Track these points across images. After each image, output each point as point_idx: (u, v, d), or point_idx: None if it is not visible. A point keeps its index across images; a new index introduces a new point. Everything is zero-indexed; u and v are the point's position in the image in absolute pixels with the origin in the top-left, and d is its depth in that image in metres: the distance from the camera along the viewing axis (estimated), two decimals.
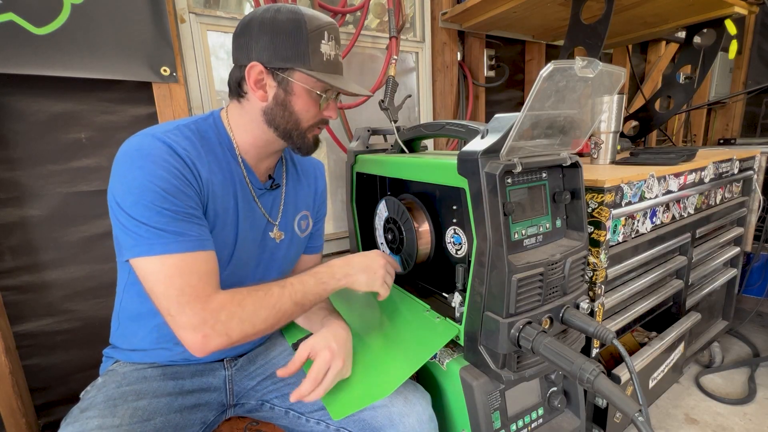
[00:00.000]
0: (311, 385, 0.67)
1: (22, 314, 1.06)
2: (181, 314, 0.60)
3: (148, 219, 0.60)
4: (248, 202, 0.77)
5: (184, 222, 0.62)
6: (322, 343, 0.71)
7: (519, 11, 1.49)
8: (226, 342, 0.62)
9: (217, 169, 0.71)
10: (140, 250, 0.60)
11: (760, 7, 1.68)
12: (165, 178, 0.61)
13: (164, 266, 0.60)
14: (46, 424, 1.13)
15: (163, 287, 0.60)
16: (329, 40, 0.70)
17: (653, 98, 1.81)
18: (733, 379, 1.47)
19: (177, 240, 0.61)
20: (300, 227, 0.89)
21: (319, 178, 0.95)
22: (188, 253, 0.62)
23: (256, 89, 0.70)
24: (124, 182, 0.61)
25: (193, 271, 0.61)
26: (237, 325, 0.62)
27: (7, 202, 1.01)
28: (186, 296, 0.60)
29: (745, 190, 1.48)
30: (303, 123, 0.73)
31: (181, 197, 0.63)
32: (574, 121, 0.72)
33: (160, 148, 0.63)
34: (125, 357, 0.78)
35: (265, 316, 0.65)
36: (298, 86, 0.70)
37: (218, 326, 0.61)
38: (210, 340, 0.60)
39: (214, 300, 0.62)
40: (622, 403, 0.56)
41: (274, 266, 0.84)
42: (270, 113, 0.72)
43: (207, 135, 0.72)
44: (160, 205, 0.60)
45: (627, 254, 1.00)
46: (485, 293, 0.71)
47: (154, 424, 0.66)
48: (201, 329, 0.60)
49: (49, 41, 0.94)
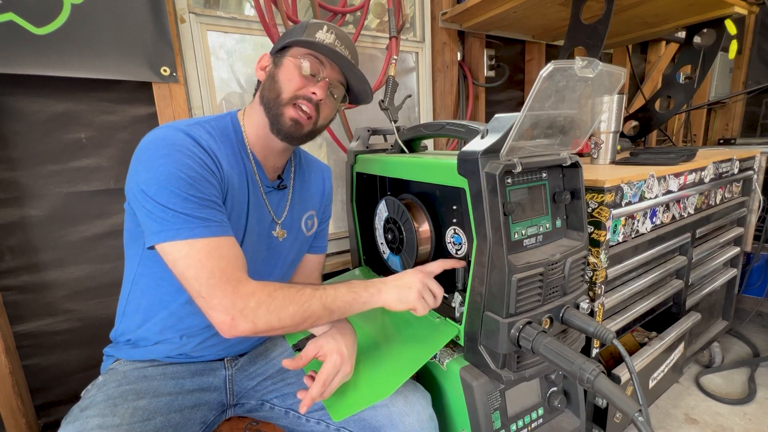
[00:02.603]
0: (321, 388, 0.67)
1: (22, 314, 1.06)
2: (212, 296, 0.61)
3: (174, 204, 0.61)
4: (257, 197, 0.79)
5: (208, 209, 0.64)
6: (333, 345, 0.71)
7: (519, 11, 1.48)
8: (252, 329, 0.62)
9: (234, 163, 0.74)
10: (168, 234, 0.61)
11: (760, 7, 1.68)
12: (190, 166, 0.64)
13: (192, 250, 0.62)
14: (46, 424, 1.13)
15: (194, 271, 0.61)
16: (328, 31, 0.73)
17: (653, 98, 1.81)
18: (733, 379, 1.47)
19: (203, 225, 0.63)
20: (306, 226, 0.91)
21: (326, 180, 0.98)
22: (214, 237, 0.63)
23: (259, 71, 0.78)
24: (151, 169, 0.63)
25: (222, 255, 0.63)
26: (264, 314, 0.63)
27: (7, 202, 1.01)
28: (216, 278, 0.61)
29: (745, 190, 1.48)
30: (283, 93, 0.73)
31: (206, 185, 0.65)
32: (574, 121, 0.72)
33: (184, 138, 0.66)
34: (126, 354, 0.78)
35: (293, 311, 0.65)
36: (287, 59, 0.73)
37: (246, 311, 0.62)
38: (237, 323, 0.61)
39: (245, 285, 0.63)
40: (622, 403, 0.56)
41: (276, 263, 0.85)
42: (263, 90, 0.76)
43: (225, 131, 0.76)
44: (187, 191, 0.62)
45: (627, 254, 1.00)
46: (485, 293, 0.71)
47: (154, 423, 0.66)
48: (230, 312, 0.61)
49: (49, 41, 0.94)
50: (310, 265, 0.97)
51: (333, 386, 0.69)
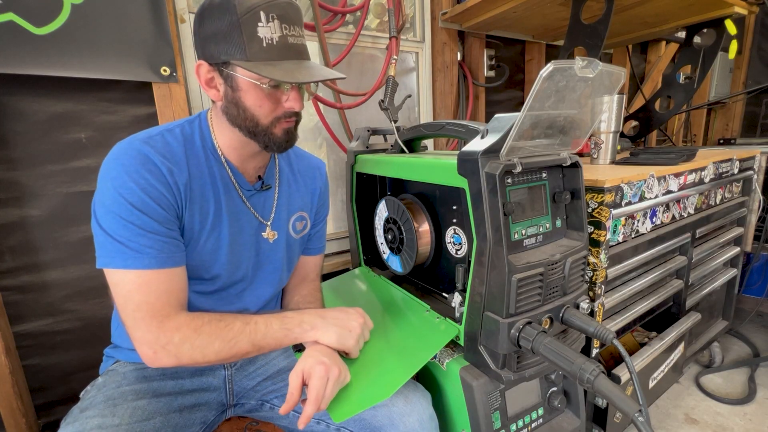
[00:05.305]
0: (315, 405, 0.64)
1: (22, 314, 1.06)
2: (136, 329, 0.62)
3: (113, 231, 0.61)
4: (235, 204, 0.76)
5: (147, 238, 0.62)
6: (311, 361, 0.68)
7: (519, 11, 1.48)
8: (175, 363, 0.63)
9: (198, 173, 0.70)
10: (103, 260, 0.62)
11: (760, 7, 1.68)
12: (133, 191, 0.61)
13: (123, 281, 0.62)
14: (46, 424, 1.13)
15: (121, 300, 0.62)
16: (269, 20, 0.60)
17: (653, 98, 1.81)
18: (733, 379, 1.47)
19: (136, 256, 0.61)
20: (295, 228, 0.87)
21: (318, 178, 0.92)
22: (147, 270, 0.62)
23: (209, 89, 0.67)
24: (100, 190, 0.63)
25: (151, 289, 0.62)
26: (188, 350, 0.63)
27: (7, 202, 1.01)
28: (141, 312, 0.62)
29: (745, 190, 1.48)
30: (262, 120, 0.67)
31: (149, 212, 0.62)
32: (574, 121, 0.72)
33: (135, 158, 0.63)
34: (126, 357, 0.78)
35: (218, 347, 0.65)
36: (243, 81, 0.64)
37: (170, 347, 0.62)
38: (160, 357, 0.62)
39: (171, 320, 0.63)
40: (622, 403, 0.56)
41: (269, 267, 0.83)
42: (228, 113, 0.68)
43: (192, 138, 0.71)
44: (126, 218, 0.61)
45: (627, 254, 1.00)
46: (485, 293, 0.71)
47: (153, 423, 0.66)
48: (152, 346, 0.62)
49: (49, 41, 0.94)
50: (306, 267, 0.95)
51: (328, 395, 0.66)
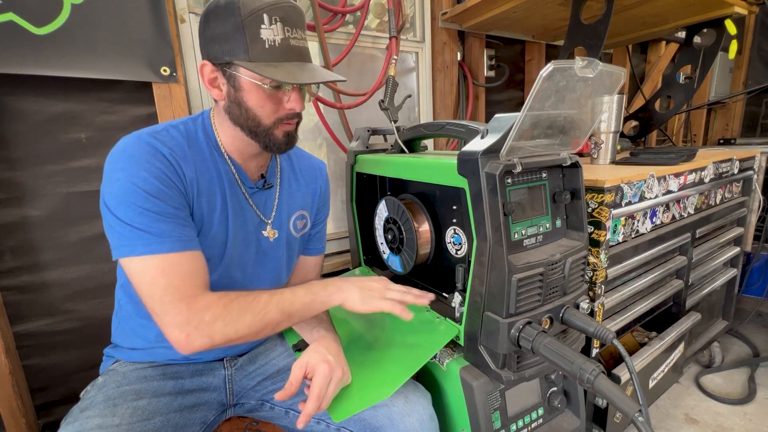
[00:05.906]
0: (316, 402, 0.65)
1: (22, 314, 1.06)
2: (165, 313, 0.61)
3: (131, 219, 0.61)
4: (239, 200, 0.76)
5: (165, 223, 0.63)
6: (317, 357, 0.69)
7: (519, 11, 1.48)
8: (209, 343, 0.62)
9: (204, 168, 0.71)
10: (124, 250, 0.62)
11: (760, 7, 1.68)
12: (147, 179, 0.62)
13: (147, 267, 0.61)
14: (46, 424, 1.13)
15: (147, 287, 0.61)
16: (271, 23, 0.63)
17: (653, 98, 1.81)
18: (733, 379, 1.47)
19: (158, 240, 0.62)
20: (296, 227, 0.88)
21: (319, 178, 0.93)
22: (170, 253, 0.62)
23: (212, 88, 0.69)
24: (110, 183, 0.63)
25: (175, 272, 0.62)
26: (220, 327, 0.62)
27: (7, 202, 1.01)
28: (169, 296, 0.61)
29: (745, 190, 1.48)
30: (264, 120, 0.69)
31: (164, 198, 0.63)
32: (574, 121, 0.72)
33: (144, 149, 0.64)
34: (126, 356, 0.78)
35: (250, 321, 0.65)
36: (245, 81, 0.66)
37: (202, 327, 0.61)
38: (193, 339, 0.61)
39: (199, 300, 0.62)
40: (622, 403, 0.56)
41: (269, 265, 0.83)
42: (230, 112, 0.70)
43: (195, 135, 0.72)
44: (142, 205, 0.61)
45: (627, 254, 1.00)
46: (485, 293, 0.71)
47: (153, 423, 0.66)
48: (185, 328, 0.61)
49: (49, 41, 0.94)
50: (306, 267, 0.95)
51: (329, 394, 0.67)
